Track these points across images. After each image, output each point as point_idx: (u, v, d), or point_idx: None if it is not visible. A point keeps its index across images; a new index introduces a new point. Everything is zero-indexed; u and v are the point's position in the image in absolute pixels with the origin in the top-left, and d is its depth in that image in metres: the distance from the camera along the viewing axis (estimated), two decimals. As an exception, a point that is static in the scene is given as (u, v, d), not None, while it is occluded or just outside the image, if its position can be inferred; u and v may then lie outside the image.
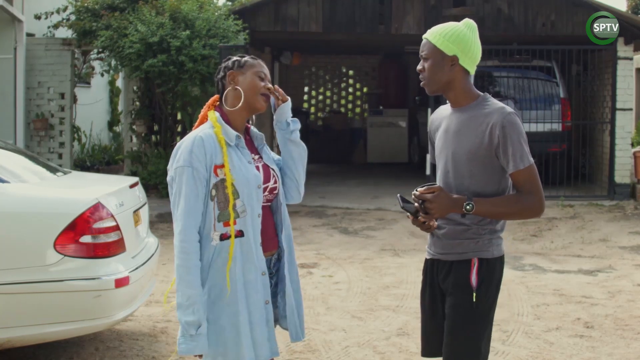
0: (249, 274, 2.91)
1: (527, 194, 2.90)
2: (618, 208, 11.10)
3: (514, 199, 2.92)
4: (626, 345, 5.25)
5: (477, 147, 2.91)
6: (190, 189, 2.85)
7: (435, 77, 2.98)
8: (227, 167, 2.88)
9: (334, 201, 11.57)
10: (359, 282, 6.94)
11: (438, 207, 2.87)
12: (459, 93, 3.00)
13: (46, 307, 4.24)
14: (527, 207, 2.92)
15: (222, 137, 2.92)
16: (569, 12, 12.12)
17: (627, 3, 18.95)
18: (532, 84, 12.37)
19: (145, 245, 5.02)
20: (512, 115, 2.89)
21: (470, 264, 2.95)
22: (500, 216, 2.95)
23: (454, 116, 3.02)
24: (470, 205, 2.86)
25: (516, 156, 2.87)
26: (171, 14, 10.68)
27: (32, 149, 11.75)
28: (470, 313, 2.93)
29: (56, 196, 4.59)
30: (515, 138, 2.87)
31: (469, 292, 2.93)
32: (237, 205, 2.89)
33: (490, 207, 2.90)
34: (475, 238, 2.96)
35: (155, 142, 12.02)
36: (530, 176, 2.90)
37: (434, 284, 3.08)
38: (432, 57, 2.97)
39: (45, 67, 12.04)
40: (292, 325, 3.09)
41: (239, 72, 3.02)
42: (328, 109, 19.88)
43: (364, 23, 12.27)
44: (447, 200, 2.89)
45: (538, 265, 7.71)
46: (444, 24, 3.03)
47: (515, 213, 2.96)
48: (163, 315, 5.72)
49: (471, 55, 2.98)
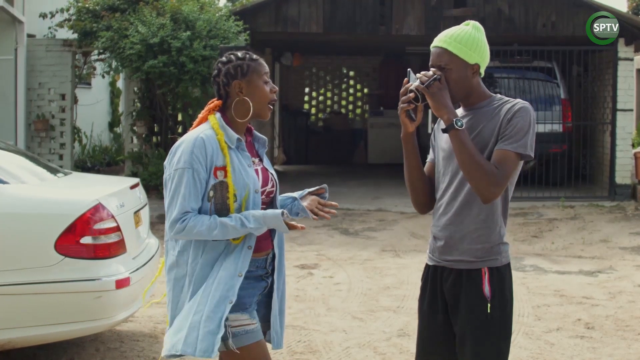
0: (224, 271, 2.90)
1: (495, 167, 2.75)
2: (619, 209, 11.10)
3: (486, 162, 2.75)
4: (627, 346, 5.24)
5: (489, 139, 2.82)
6: (189, 190, 2.85)
7: (459, 89, 2.87)
8: (229, 171, 2.88)
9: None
10: (360, 283, 6.94)
11: (441, 93, 2.77)
12: (474, 96, 2.92)
13: (47, 308, 4.23)
14: (486, 173, 2.72)
15: (224, 142, 2.91)
16: (569, 12, 12.12)
17: (628, 4, 18.94)
18: (533, 84, 12.37)
19: (146, 246, 5.02)
20: (527, 105, 2.82)
21: (481, 273, 2.86)
22: (464, 156, 2.74)
23: (463, 115, 2.93)
24: (460, 123, 2.75)
25: (512, 138, 2.76)
26: (172, 15, 10.69)
27: (32, 150, 11.76)
28: (487, 325, 2.84)
29: (57, 197, 4.58)
30: (520, 123, 2.77)
31: (484, 304, 2.84)
32: (235, 208, 2.89)
33: (468, 144, 2.74)
34: (484, 244, 2.87)
35: (156, 143, 12.02)
36: (507, 159, 2.76)
37: (436, 291, 2.97)
38: (455, 67, 2.84)
39: (46, 68, 12.04)
40: (274, 332, 3.11)
41: (245, 82, 2.97)
42: (329, 110, 19.87)
43: (365, 24, 12.28)
44: (449, 99, 2.79)
45: (539, 266, 7.71)
46: (452, 29, 2.90)
47: (475, 169, 2.73)
48: (164, 316, 5.72)
49: (487, 59, 2.92)
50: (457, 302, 2.91)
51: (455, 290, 2.91)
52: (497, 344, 2.87)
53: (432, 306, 2.99)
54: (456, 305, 2.91)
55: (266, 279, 3.06)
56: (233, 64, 2.99)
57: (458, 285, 2.91)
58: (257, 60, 3.02)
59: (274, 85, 3.06)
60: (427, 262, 3.06)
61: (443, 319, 2.96)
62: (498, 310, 2.86)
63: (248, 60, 3.00)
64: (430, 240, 3.04)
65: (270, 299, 3.10)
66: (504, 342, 2.90)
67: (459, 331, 2.91)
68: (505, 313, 2.89)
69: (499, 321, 2.87)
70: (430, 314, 3.00)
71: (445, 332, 2.96)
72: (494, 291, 2.86)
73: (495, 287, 2.87)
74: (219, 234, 2.85)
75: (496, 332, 2.87)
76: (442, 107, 2.79)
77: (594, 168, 13.20)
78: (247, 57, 3.01)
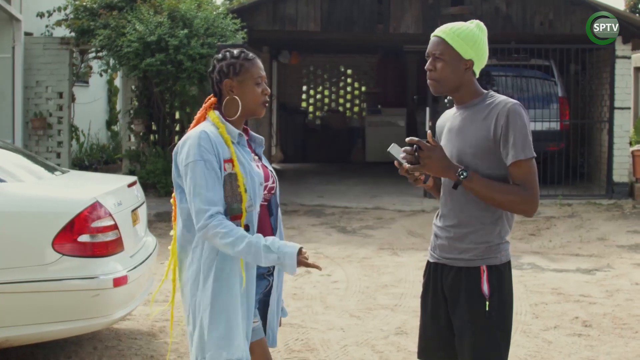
0: (250, 269, 2.91)
1: (523, 189, 2.80)
2: (616, 207, 11.11)
3: (511, 189, 2.81)
4: (624, 344, 5.25)
5: (482, 139, 2.84)
6: (206, 178, 2.82)
7: (447, 79, 2.89)
8: (236, 162, 2.88)
9: (332, 200, 11.57)
10: (358, 281, 6.94)
11: (433, 160, 2.77)
12: (465, 93, 2.94)
13: (44, 306, 4.23)
14: (521, 200, 2.80)
15: (227, 135, 2.91)
16: (567, 11, 12.13)
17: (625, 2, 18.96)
18: (530, 83, 12.37)
19: (143, 244, 5.02)
20: (518, 106, 2.82)
21: (480, 271, 2.87)
22: (490, 199, 2.81)
23: (457, 114, 2.97)
24: (465, 174, 2.76)
25: (517, 145, 2.78)
26: (169, 13, 10.68)
27: (30, 148, 11.75)
28: (485, 322, 2.85)
29: (54, 195, 4.58)
30: (518, 127, 2.78)
31: (482, 302, 2.85)
32: (246, 199, 2.89)
33: (484, 187, 2.79)
34: (483, 243, 2.88)
35: (153, 141, 12.02)
36: (529, 170, 2.80)
37: (437, 288, 3.00)
38: (447, 57, 2.87)
39: (44, 66, 12.03)
40: (270, 330, 3.12)
41: (236, 81, 2.96)
42: (326, 108, 19.88)
43: (362, 22, 12.28)
44: (444, 159, 2.79)
45: (536, 264, 7.71)
46: (455, 23, 2.93)
47: (506, 202, 2.81)
48: (161, 314, 5.71)
49: (483, 60, 2.93)
50: (456, 300, 2.93)
51: (454, 288, 2.93)
52: (495, 341, 2.88)
53: (435, 303, 3.02)
54: (455, 302, 2.93)
55: (268, 277, 3.07)
56: (227, 62, 2.98)
57: (457, 283, 2.92)
58: (251, 60, 2.99)
59: (267, 87, 3.03)
60: (429, 259, 3.08)
61: (445, 316, 2.98)
62: (497, 308, 2.87)
63: (242, 60, 2.98)
64: (432, 238, 3.06)
65: (268, 297, 3.10)
66: (502, 339, 2.90)
67: (457, 328, 2.93)
68: (504, 311, 2.90)
69: (497, 319, 2.88)
70: (433, 311, 3.03)
71: (447, 329, 2.99)
72: (492, 289, 2.87)
73: (494, 285, 2.88)
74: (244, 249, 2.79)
75: (494, 330, 2.88)
76: (441, 170, 2.81)
77: (592, 166, 13.21)
78: (241, 56, 2.99)
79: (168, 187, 10.50)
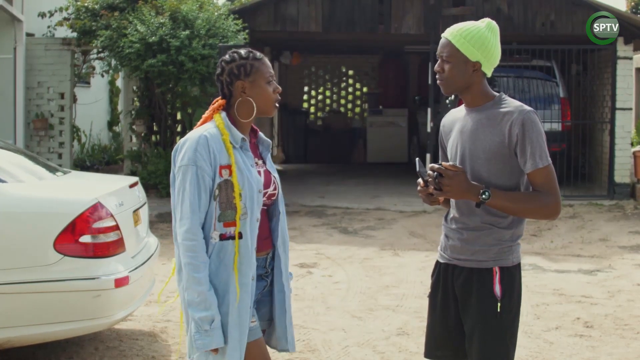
0: (244, 277, 2.89)
1: (545, 194, 2.83)
2: (618, 208, 11.10)
3: (533, 197, 2.84)
4: (626, 345, 5.25)
5: (497, 145, 2.85)
6: (194, 187, 2.84)
7: (454, 81, 2.91)
8: (234, 169, 2.87)
9: (333, 201, 11.57)
10: (359, 282, 6.94)
11: (453, 186, 2.80)
12: (476, 95, 2.94)
13: (46, 306, 4.24)
14: (545, 206, 2.83)
15: (229, 142, 2.89)
16: (568, 11, 12.12)
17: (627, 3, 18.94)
18: (532, 83, 12.37)
19: (144, 245, 5.02)
20: (532, 114, 2.84)
21: (492, 273, 2.89)
22: (514, 212, 2.86)
23: (469, 116, 2.96)
24: (486, 194, 2.78)
25: (535, 155, 2.80)
26: (171, 14, 10.68)
27: (31, 148, 11.75)
28: (496, 324, 2.87)
29: (56, 196, 4.58)
30: (534, 136, 2.81)
31: (494, 303, 2.87)
32: (241, 207, 2.88)
33: (507, 201, 2.82)
34: (496, 245, 2.90)
35: (155, 142, 12.02)
36: (548, 176, 2.83)
37: (448, 288, 3.00)
38: (454, 60, 2.89)
39: (45, 67, 12.04)
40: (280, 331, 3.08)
41: (248, 82, 2.94)
42: (328, 109, 19.87)
43: (364, 23, 12.27)
44: (465, 183, 2.81)
45: (538, 265, 7.71)
46: (464, 23, 2.94)
47: (531, 211, 2.87)
48: (163, 315, 5.72)
49: (493, 60, 2.93)
50: (467, 301, 2.94)
51: (466, 289, 2.94)
52: (505, 343, 2.91)
53: (445, 304, 3.02)
54: (467, 303, 2.94)
55: (266, 278, 3.06)
56: (236, 64, 2.95)
57: (469, 284, 2.93)
58: (260, 60, 2.98)
59: (277, 85, 3.02)
60: (438, 259, 3.09)
61: (455, 317, 2.99)
62: (507, 310, 2.90)
63: (251, 60, 2.96)
64: (442, 238, 3.07)
65: (271, 297, 3.09)
66: (511, 341, 2.93)
67: (468, 329, 2.94)
68: (513, 312, 2.93)
69: (507, 320, 2.90)
70: (442, 311, 3.03)
71: (456, 329, 3.00)
72: (504, 291, 2.90)
73: (505, 287, 2.91)
74: (189, 278, 2.82)
75: (505, 331, 2.90)
76: (463, 193, 2.83)
77: (593, 167, 13.20)
78: (250, 56, 2.97)
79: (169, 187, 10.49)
